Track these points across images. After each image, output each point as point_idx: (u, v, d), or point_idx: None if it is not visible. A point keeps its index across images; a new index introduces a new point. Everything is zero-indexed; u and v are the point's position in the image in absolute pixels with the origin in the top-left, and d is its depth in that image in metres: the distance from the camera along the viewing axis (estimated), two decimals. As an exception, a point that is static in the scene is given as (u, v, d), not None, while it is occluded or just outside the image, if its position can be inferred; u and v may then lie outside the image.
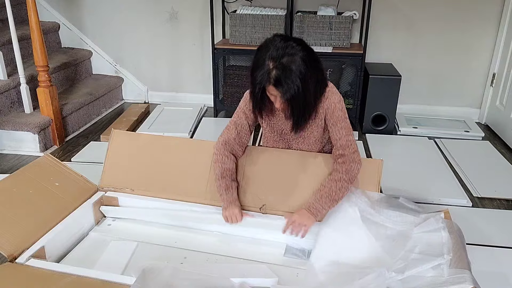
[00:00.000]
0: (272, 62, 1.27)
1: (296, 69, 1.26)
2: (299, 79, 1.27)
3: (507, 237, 1.76)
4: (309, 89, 1.31)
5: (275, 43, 1.30)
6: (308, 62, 1.28)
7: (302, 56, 1.27)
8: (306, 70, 1.28)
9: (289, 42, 1.29)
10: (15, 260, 1.24)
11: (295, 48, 1.28)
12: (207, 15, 2.93)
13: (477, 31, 2.91)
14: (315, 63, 1.33)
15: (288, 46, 1.28)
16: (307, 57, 1.29)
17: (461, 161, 2.43)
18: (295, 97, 1.29)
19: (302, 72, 1.27)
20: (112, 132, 1.67)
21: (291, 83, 1.26)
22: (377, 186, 1.44)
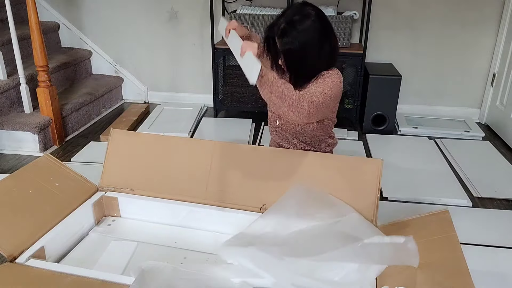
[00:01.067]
0: (285, 18, 1.38)
1: (302, 28, 1.35)
2: (300, 38, 1.35)
3: (507, 237, 1.76)
4: (307, 51, 1.37)
5: (294, 5, 1.43)
6: (316, 30, 1.36)
7: (313, 20, 1.36)
8: (311, 34, 1.36)
9: (307, 7, 1.39)
10: (15, 260, 1.24)
11: (310, 13, 1.37)
12: (207, 15, 2.93)
13: (477, 31, 2.91)
14: (325, 33, 1.39)
15: (304, 9, 1.38)
16: (318, 25, 1.37)
17: (461, 161, 2.43)
18: (291, 53, 1.38)
19: (305, 34, 1.35)
20: (112, 132, 1.67)
21: (292, 39, 1.35)
22: (377, 186, 1.44)
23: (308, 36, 1.36)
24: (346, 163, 1.49)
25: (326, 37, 1.40)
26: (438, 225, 1.30)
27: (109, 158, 1.64)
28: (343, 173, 1.48)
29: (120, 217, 1.63)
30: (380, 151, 2.56)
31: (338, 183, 1.47)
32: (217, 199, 1.52)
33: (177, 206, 1.54)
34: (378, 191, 1.44)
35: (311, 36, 1.36)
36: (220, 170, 1.56)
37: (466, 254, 1.16)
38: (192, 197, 1.55)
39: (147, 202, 1.57)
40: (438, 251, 1.20)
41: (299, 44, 1.36)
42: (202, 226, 1.53)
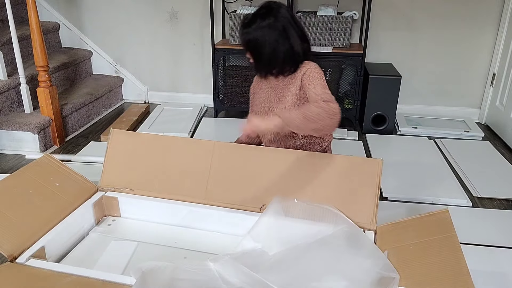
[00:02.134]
0: (254, 12, 1.50)
1: (261, 24, 1.46)
2: (257, 32, 1.46)
3: (507, 237, 1.76)
4: (263, 46, 1.47)
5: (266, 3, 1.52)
6: (275, 29, 1.46)
7: (275, 20, 1.46)
8: (268, 31, 1.46)
9: (275, 6, 1.48)
10: (15, 260, 1.24)
11: (275, 12, 1.47)
12: (207, 15, 2.94)
13: (477, 31, 2.91)
14: (284, 34, 1.47)
15: (271, 7, 1.48)
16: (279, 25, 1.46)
17: (461, 161, 2.43)
18: (246, 42, 1.50)
19: (263, 30, 1.46)
20: (111, 132, 1.67)
21: (250, 30, 1.47)
22: (377, 186, 1.44)
23: (264, 32, 1.46)
24: (346, 163, 1.49)
25: (284, 38, 1.48)
26: (438, 225, 1.30)
27: (108, 158, 1.64)
28: (343, 173, 1.48)
29: (120, 217, 1.63)
30: (380, 151, 2.56)
31: (338, 183, 1.48)
32: (217, 199, 1.53)
33: (177, 206, 1.55)
34: (378, 191, 1.44)
35: (266, 33, 1.46)
36: (220, 170, 1.56)
37: (466, 254, 1.16)
38: (192, 197, 1.55)
39: (147, 202, 1.57)
40: (438, 251, 1.20)
41: (254, 37, 1.47)
42: (202, 226, 1.54)
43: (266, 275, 1.17)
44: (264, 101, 1.65)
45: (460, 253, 1.16)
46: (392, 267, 1.20)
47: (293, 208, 1.43)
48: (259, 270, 1.20)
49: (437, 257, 1.18)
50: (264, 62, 1.53)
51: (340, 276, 1.19)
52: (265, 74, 1.57)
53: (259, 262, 1.27)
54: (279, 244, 1.35)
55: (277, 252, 1.33)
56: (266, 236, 1.37)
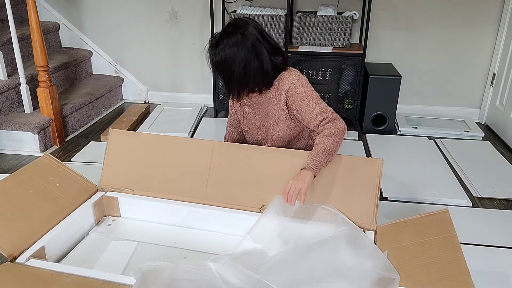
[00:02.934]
0: (221, 31, 1.46)
1: (228, 43, 1.41)
2: (225, 51, 1.41)
3: (507, 237, 1.76)
4: (233, 66, 1.42)
5: (232, 20, 1.47)
6: (243, 46, 1.41)
7: (242, 37, 1.41)
8: (236, 49, 1.41)
9: (242, 23, 1.44)
10: (15, 260, 1.24)
11: (242, 30, 1.42)
12: (207, 15, 2.93)
13: (477, 31, 2.91)
14: (254, 50, 1.43)
15: (237, 25, 1.44)
16: (248, 42, 1.41)
17: (461, 161, 2.43)
18: (217, 64, 1.45)
19: (231, 48, 1.41)
20: (110, 132, 1.67)
21: (218, 51, 1.42)
22: (377, 186, 1.44)
23: (232, 51, 1.41)
24: (346, 163, 1.49)
25: (254, 55, 1.43)
26: (438, 225, 1.30)
27: (108, 158, 1.64)
28: (343, 173, 1.48)
29: (120, 217, 1.63)
30: (380, 151, 2.56)
31: (338, 183, 1.47)
32: (217, 199, 1.53)
33: (177, 206, 1.55)
34: (378, 191, 1.44)
35: (235, 51, 1.41)
36: (220, 170, 1.56)
37: (466, 254, 1.16)
38: (192, 197, 1.55)
39: (147, 202, 1.57)
40: (438, 251, 1.20)
41: (222, 57, 1.42)
42: (202, 226, 1.54)
43: (266, 275, 1.17)
44: (253, 118, 1.62)
45: (460, 253, 1.16)
46: (392, 267, 1.20)
47: (293, 208, 1.43)
48: (259, 270, 1.20)
49: (437, 257, 1.18)
50: (235, 81, 1.47)
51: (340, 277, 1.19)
52: (237, 94, 1.51)
53: (259, 262, 1.27)
54: (279, 244, 1.35)
55: (277, 253, 1.33)
56: (266, 237, 1.37)
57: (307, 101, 1.46)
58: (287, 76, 1.50)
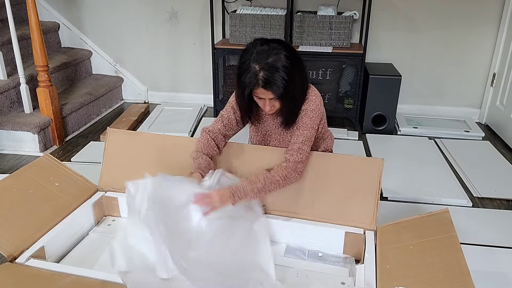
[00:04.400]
0: (258, 64, 1.30)
1: (282, 66, 1.29)
2: (286, 76, 1.29)
3: (507, 237, 1.76)
4: (296, 83, 1.35)
5: (256, 47, 1.33)
6: (291, 59, 1.32)
7: (285, 54, 1.31)
8: (291, 65, 1.31)
9: (271, 44, 1.33)
10: (15, 260, 1.24)
11: (277, 48, 1.32)
12: (207, 15, 2.93)
13: (477, 31, 2.91)
14: (298, 60, 1.36)
15: (270, 47, 1.31)
16: (290, 55, 1.32)
17: (461, 161, 2.43)
18: (285, 93, 1.32)
19: (288, 68, 1.30)
20: (108, 132, 1.66)
21: (280, 81, 1.29)
22: (377, 186, 1.44)
23: (290, 68, 1.31)
24: (346, 163, 1.49)
25: (299, 59, 1.37)
26: (438, 225, 1.30)
27: (107, 158, 1.64)
28: (343, 173, 1.48)
29: (120, 217, 1.63)
30: (380, 151, 2.56)
31: (338, 182, 1.47)
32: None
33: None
34: (378, 191, 1.44)
35: (290, 67, 1.31)
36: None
37: (466, 254, 1.16)
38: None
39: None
40: (438, 251, 1.20)
41: (287, 82, 1.30)
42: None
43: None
44: (265, 128, 1.59)
45: (460, 253, 1.16)
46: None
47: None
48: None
49: (437, 257, 1.18)
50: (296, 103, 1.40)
51: None
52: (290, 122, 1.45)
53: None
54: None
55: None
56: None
57: (299, 133, 1.43)
58: (311, 96, 1.45)
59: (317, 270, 1.36)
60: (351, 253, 1.44)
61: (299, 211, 1.48)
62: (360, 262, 1.37)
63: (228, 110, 1.54)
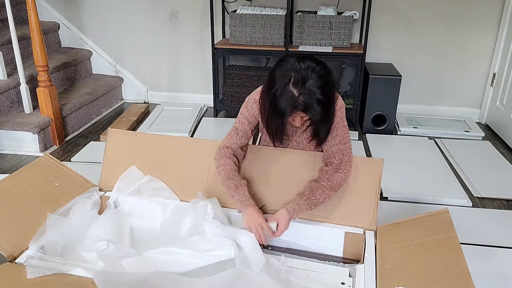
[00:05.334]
0: (296, 88, 1.25)
1: (321, 90, 1.25)
2: (324, 99, 1.26)
3: (507, 237, 1.76)
4: (332, 105, 1.33)
5: (293, 66, 1.27)
6: (326, 79, 1.27)
7: (321, 75, 1.26)
8: (327, 88, 1.27)
9: (307, 63, 1.27)
10: (15, 260, 1.24)
11: (314, 68, 1.27)
12: (207, 15, 2.93)
13: (477, 31, 2.91)
14: (330, 76, 1.32)
15: (308, 67, 1.26)
16: (324, 74, 1.28)
17: (461, 161, 2.43)
18: (323, 118, 1.30)
19: (325, 92, 1.26)
20: (109, 132, 1.66)
21: (319, 106, 1.26)
22: (377, 186, 1.44)
23: (327, 91, 1.27)
24: (346, 163, 1.49)
25: (331, 75, 1.32)
26: (438, 225, 1.30)
27: (107, 158, 1.64)
28: (343, 173, 1.47)
29: (120, 217, 1.62)
30: (380, 151, 2.56)
31: (338, 183, 1.47)
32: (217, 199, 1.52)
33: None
34: (378, 191, 1.44)
35: (327, 89, 1.27)
36: (220, 170, 1.55)
37: (466, 254, 1.16)
38: (191, 197, 1.55)
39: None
40: (438, 251, 1.20)
41: (325, 105, 1.27)
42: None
43: None
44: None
45: (460, 253, 1.16)
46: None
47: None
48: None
49: (437, 257, 1.18)
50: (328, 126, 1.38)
51: None
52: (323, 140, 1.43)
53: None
54: None
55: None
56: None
57: (334, 134, 1.42)
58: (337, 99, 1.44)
59: (317, 270, 1.36)
60: (351, 253, 1.43)
61: (299, 211, 1.48)
62: (360, 262, 1.37)
63: (242, 122, 1.48)
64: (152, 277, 1.15)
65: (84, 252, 1.32)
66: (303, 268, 1.37)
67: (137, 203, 1.52)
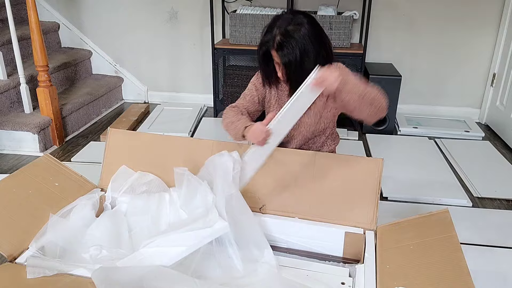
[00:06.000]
0: (279, 29, 1.37)
1: (299, 37, 1.35)
2: (299, 47, 1.35)
3: (507, 237, 1.76)
4: (308, 59, 1.37)
5: (285, 15, 1.41)
6: (312, 36, 1.37)
7: (307, 28, 1.36)
8: (308, 41, 1.36)
9: (298, 15, 1.39)
10: (15, 260, 1.24)
11: (303, 20, 1.38)
12: (207, 15, 2.93)
13: (477, 31, 2.91)
14: (320, 38, 1.40)
15: (296, 17, 1.38)
16: (312, 31, 1.37)
17: (461, 161, 2.43)
18: (292, 63, 1.37)
19: (303, 42, 1.35)
20: (109, 132, 1.66)
21: (291, 50, 1.35)
22: (377, 186, 1.44)
23: (305, 44, 1.36)
24: (346, 163, 1.49)
25: (321, 42, 1.42)
26: (438, 225, 1.30)
27: (107, 158, 1.64)
28: (343, 173, 1.48)
29: (120, 217, 1.62)
30: (380, 151, 2.56)
31: (338, 182, 1.47)
32: (217, 199, 1.52)
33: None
34: (378, 191, 1.44)
35: (308, 43, 1.36)
36: (220, 170, 1.55)
37: (466, 254, 1.16)
38: (192, 197, 1.55)
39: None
40: (438, 251, 1.20)
41: (298, 54, 1.35)
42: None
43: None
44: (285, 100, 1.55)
45: (460, 253, 1.16)
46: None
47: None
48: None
49: (437, 257, 1.18)
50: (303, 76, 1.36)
51: None
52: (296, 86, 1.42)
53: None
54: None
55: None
56: None
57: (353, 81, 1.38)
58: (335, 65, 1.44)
59: (317, 270, 1.36)
60: (351, 253, 1.43)
61: (299, 211, 1.48)
62: (360, 262, 1.37)
63: (250, 88, 1.57)
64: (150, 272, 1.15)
65: (84, 254, 1.32)
66: (303, 268, 1.37)
67: (132, 201, 1.52)
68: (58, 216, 1.38)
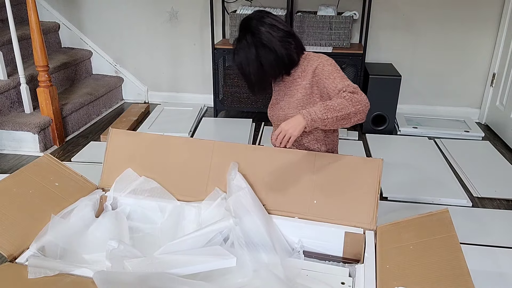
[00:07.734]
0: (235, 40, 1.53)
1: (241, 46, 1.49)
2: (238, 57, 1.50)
3: (507, 237, 1.76)
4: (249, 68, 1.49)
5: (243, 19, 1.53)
6: (251, 46, 1.47)
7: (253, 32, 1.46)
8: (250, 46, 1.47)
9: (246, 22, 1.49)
10: (15, 260, 1.24)
11: (248, 27, 1.48)
12: (207, 15, 2.93)
13: (477, 31, 2.91)
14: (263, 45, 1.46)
15: (245, 25, 1.49)
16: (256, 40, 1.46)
17: (461, 161, 2.43)
18: (239, 69, 1.53)
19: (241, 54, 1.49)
20: (110, 132, 1.66)
21: (236, 57, 1.52)
22: (377, 186, 1.44)
23: (243, 55, 1.49)
24: (346, 163, 1.49)
25: (268, 48, 1.46)
26: (438, 225, 1.30)
27: (108, 158, 1.64)
28: (343, 173, 1.48)
29: (120, 217, 1.62)
30: (380, 151, 2.56)
31: (338, 183, 1.47)
32: (217, 199, 1.52)
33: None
34: (378, 191, 1.44)
35: (246, 54, 1.48)
36: (220, 170, 1.56)
37: (466, 254, 1.16)
38: (192, 197, 1.55)
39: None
40: (438, 251, 1.20)
41: (239, 63, 1.51)
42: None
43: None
44: (275, 95, 1.66)
45: (460, 253, 1.16)
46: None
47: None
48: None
49: (437, 257, 1.18)
50: (255, 80, 1.52)
51: None
52: (260, 90, 1.57)
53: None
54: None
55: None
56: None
57: (332, 78, 1.46)
58: (316, 56, 1.54)
59: (317, 270, 1.36)
60: (351, 253, 1.44)
61: (299, 211, 1.48)
62: (360, 262, 1.37)
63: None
64: (152, 277, 1.15)
65: (85, 254, 1.32)
66: (303, 268, 1.37)
67: (135, 204, 1.52)
68: (59, 217, 1.38)
